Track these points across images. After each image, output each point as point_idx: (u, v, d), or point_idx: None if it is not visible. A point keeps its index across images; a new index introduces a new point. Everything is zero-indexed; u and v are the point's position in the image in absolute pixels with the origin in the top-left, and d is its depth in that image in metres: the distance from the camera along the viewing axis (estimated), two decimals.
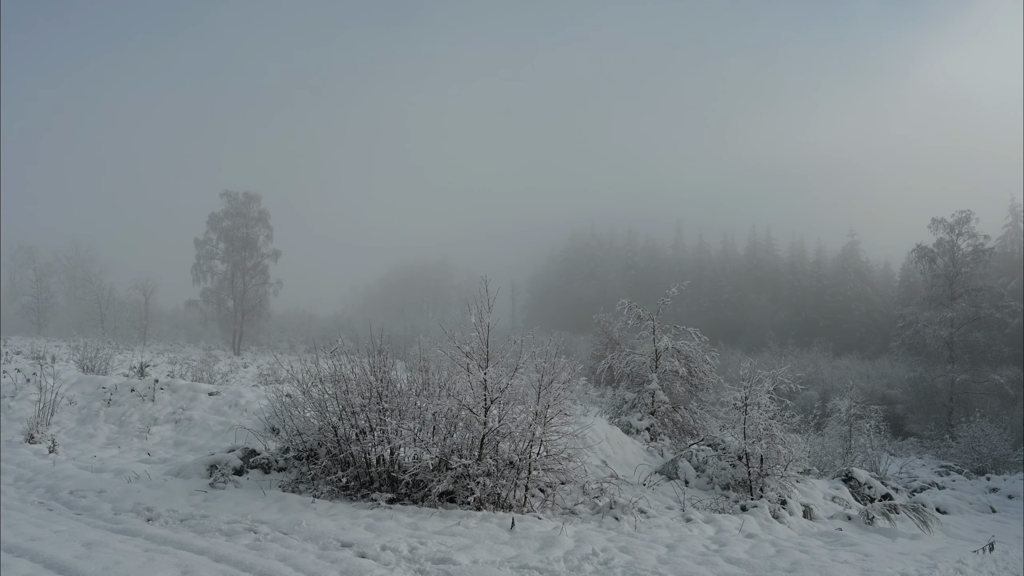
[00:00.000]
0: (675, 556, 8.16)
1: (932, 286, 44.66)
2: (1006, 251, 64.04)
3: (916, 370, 43.63)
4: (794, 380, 15.02)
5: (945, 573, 8.80)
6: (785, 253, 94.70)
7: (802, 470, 14.26)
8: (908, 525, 12.95)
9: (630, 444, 14.75)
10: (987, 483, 26.17)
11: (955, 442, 32.86)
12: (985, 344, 42.54)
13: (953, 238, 43.75)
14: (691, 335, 17.75)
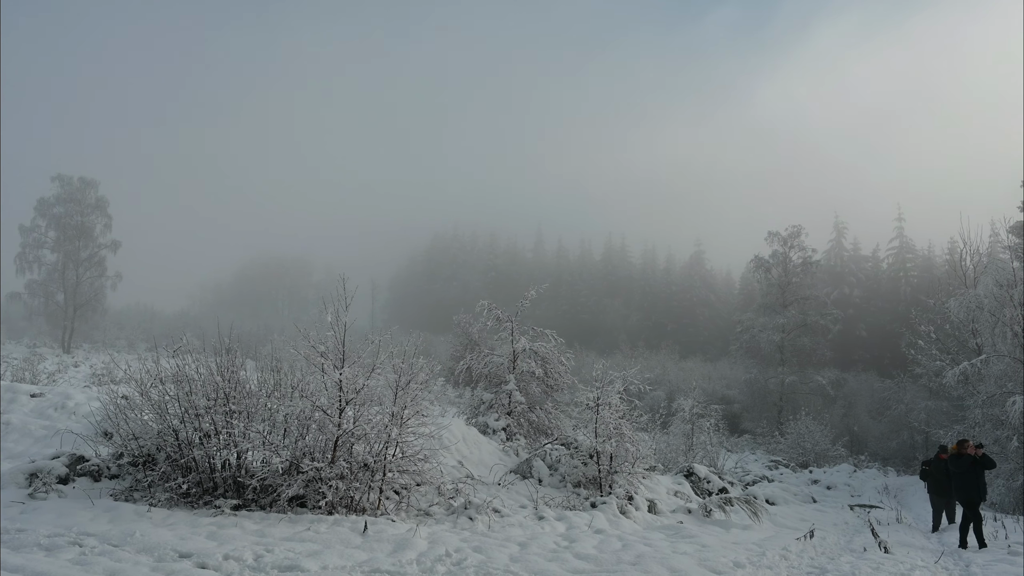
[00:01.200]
0: (527, 554, 8.31)
1: (767, 294, 48.27)
2: (830, 264, 70.26)
3: (752, 372, 46.96)
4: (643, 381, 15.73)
5: (772, 560, 9.50)
6: (638, 260, 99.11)
7: (648, 467, 14.95)
8: (741, 516, 13.87)
9: (486, 444, 14.89)
10: (810, 475, 28.61)
11: (783, 438, 35.65)
12: (811, 348, 46.44)
13: (786, 250, 47.48)
14: (548, 337, 18.17)
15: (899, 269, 69.23)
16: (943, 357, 30.63)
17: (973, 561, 10.54)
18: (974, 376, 25.41)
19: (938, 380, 28.96)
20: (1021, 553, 11.26)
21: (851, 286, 68.34)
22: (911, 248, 69.96)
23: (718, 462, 23.69)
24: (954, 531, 13.69)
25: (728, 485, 17.88)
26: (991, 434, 23.44)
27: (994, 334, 25.18)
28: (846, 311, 60.66)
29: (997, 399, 23.56)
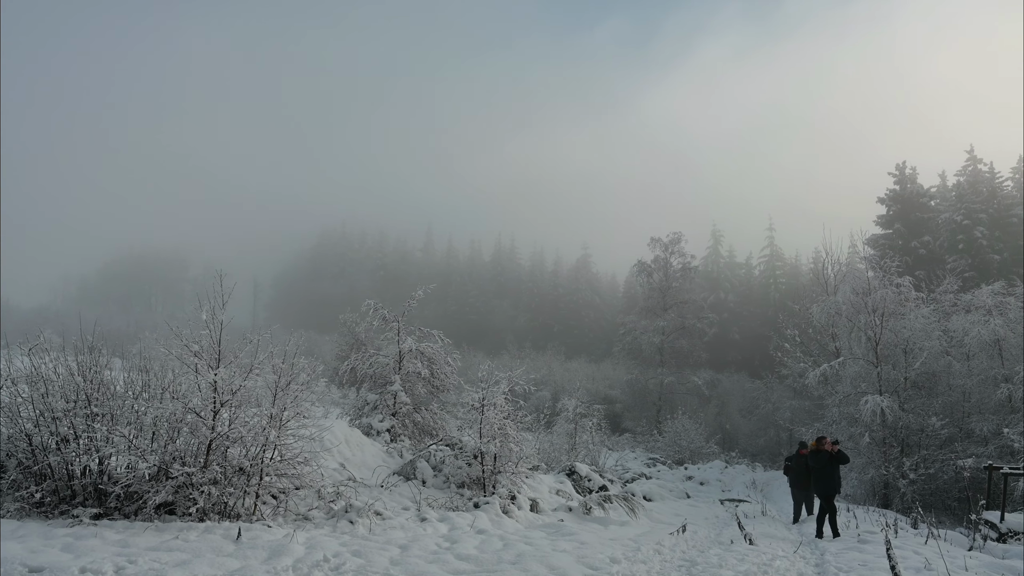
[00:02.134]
0: (408, 556, 8.25)
1: (649, 298, 50.08)
2: (708, 270, 73.70)
3: (633, 372, 48.59)
4: (528, 382, 15.96)
5: (646, 554, 9.85)
6: (527, 262, 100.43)
7: (532, 466, 15.18)
8: (620, 513, 14.33)
9: (370, 446, 14.67)
10: (685, 472, 29.87)
11: (662, 436, 37.08)
12: (688, 350, 48.54)
13: (667, 256, 49.43)
14: (435, 337, 18.11)
15: (769, 276, 73.47)
16: (806, 359, 32.76)
17: (827, 550, 11.31)
18: (832, 377, 27.31)
19: (801, 381, 30.91)
20: (870, 541, 12.19)
21: (726, 291, 71.91)
22: (780, 257, 74.38)
23: (599, 461, 24.32)
24: (812, 522, 14.65)
25: (608, 483, 18.41)
26: (846, 431, 25.24)
27: (851, 338, 27.16)
28: (721, 315, 63.73)
29: (852, 398, 25.41)
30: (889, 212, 49.36)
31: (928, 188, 51.16)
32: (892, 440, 24.33)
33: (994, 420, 22.95)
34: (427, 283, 19.84)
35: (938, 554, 10.36)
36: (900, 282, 26.31)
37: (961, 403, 25.21)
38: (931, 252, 45.79)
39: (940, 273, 36.01)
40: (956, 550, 11.88)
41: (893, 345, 25.26)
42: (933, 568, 9.57)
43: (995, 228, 45.64)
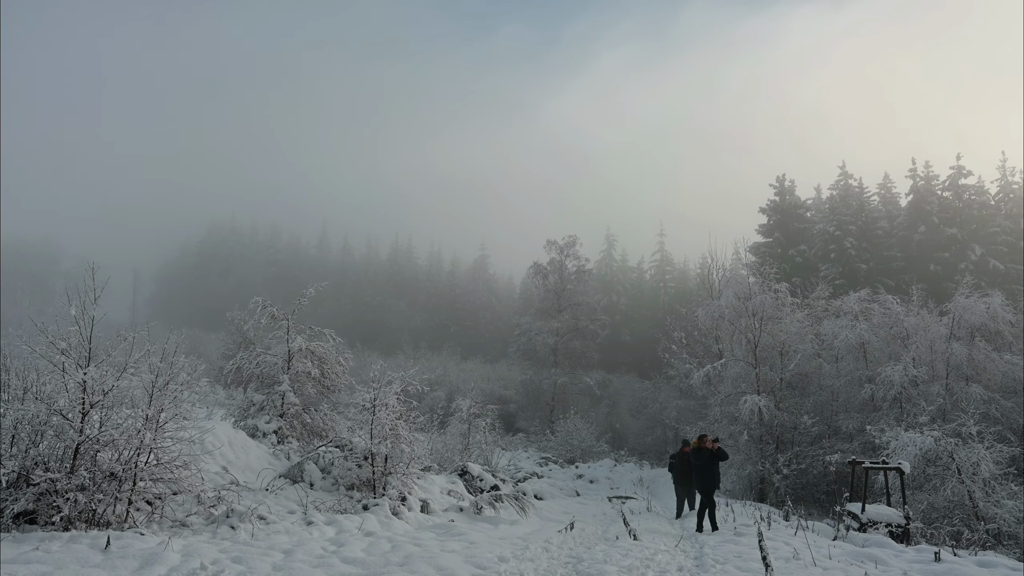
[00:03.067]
0: (291, 561, 8.02)
1: (544, 299, 50.84)
2: (601, 273, 75.46)
3: (527, 373, 49.19)
4: (422, 382, 15.83)
5: (534, 552, 9.98)
6: (424, 262, 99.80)
7: (424, 467, 15.09)
8: (510, 512, 14.45)
9: (255, 448, 14.18)
10: (576, 470, 30.47)
11: (554, 436, 37.68)
12: (581, 351, 49.60)
13: (562, 259, 50.35)
14: (327, 336, 17.71)
15: (660, 280, 76.01)
16: (692, 360, 34.11)
17: (706, 543, 11.82)
18: (715, 378, 28.56)
19: (687, 381, 32.18)
20: (745, 534, 12.83)
21: (618, 294, 73.84)
22: (670, 261, 77.11)
23: (492, 460, 24.47)
24: (694, 517, 15.26)
25: (500, 482, 18.54)
26: (727, 429, 26.46)
27: (732, 341, 28.50)
28: (614, 317, 65.44)
29: (732, 398, 26.66)
30: (769, 221, 52.14)
31: (805, 200, 54.39)
32: (768, 437, 25.68)
33: (858, 418, 24.63)
34: (321, 281, 19.38)
35: (805, 544, 11.03)
36: (778, 288, 27.81)
37: (830, 402, 26.92)
38: (806, 260, 48.67)
39: (814, 280, 38.30)
40: (822, 540, 12.67)
41: (770, 347, 26.68)
42: (801, 558, 10.17)
43: (863, 239, 49.01)
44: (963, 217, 48.72)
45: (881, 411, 24.42)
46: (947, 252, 46.85)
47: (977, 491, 16.98)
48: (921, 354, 25.29)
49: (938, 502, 17.65)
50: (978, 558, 11.62)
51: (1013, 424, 24.38)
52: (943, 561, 10.70)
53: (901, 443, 17.67)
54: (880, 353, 26.49)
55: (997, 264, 44.77)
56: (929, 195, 50.36)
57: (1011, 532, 16.33)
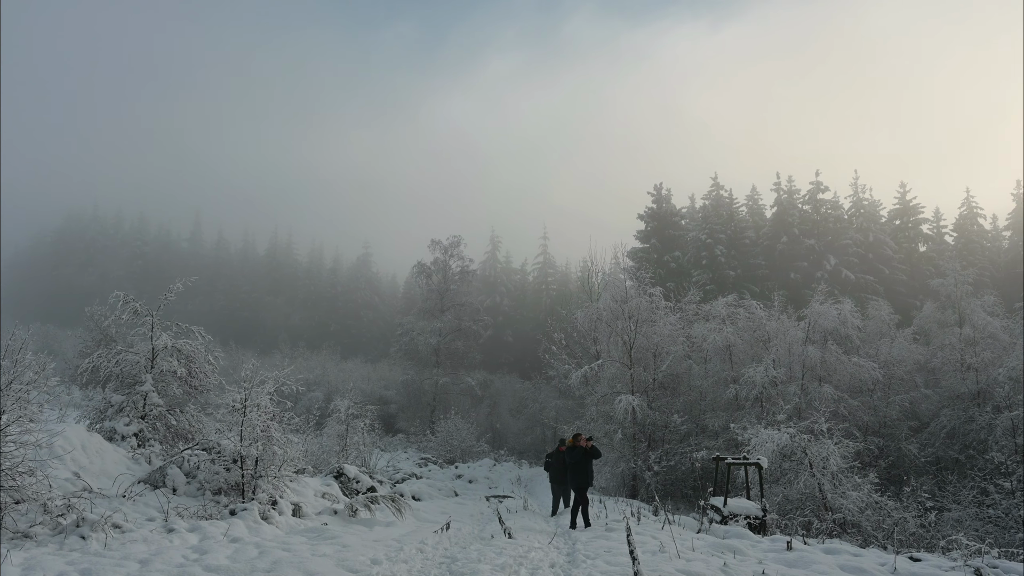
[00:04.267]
0: (148, 571, 7.58)
1: (427, 299, 50.59)
2: (485, 274, 75.94)
3: (409, 373, 48.77)
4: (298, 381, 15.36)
5: (408, 554, 9.90)
6: (305, 258, 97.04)
7: (297, 469, 14.63)
8: (387, 514, 14.26)
9: (112, 452, 13.31)
10: (455, 471, 30.45)
11: (435, 436, 37.53)
12: (463, 351, 49.67)
13: (446, 259, 50.26)
14: (196, 334, 16.86)
15: (542, 282, 77.34)
16: (571, 361, 34.85)
17: (579, 539, 12.11)
18: (592, 378, 29.33)
19: (566, 382, 32.88)
20: (615, 529, 13.24)
21: (502, 295, 74.55)
22: (553, 264, 78.60)
23: (371, 462, 24.07)
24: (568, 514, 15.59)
25: (377, 484, 18.27)
26: (603, 428, 27.24)
27: (610, 342, 29.37)
28: (496, 318, 65.96)
29: (608, 398, 27.47)
30: (647, 228, 54.17)
31: (680, 208, 56.87)
32: (641, 436, 26.64)
33: (724, 416, 25.99)
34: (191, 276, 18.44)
35: (671, 538, 11.51)
36: (653, 292, 28.91)
37: (699, 402, 28.26)
38: (680, 266, 50.91)
39: (686, 285, 40.12)
40: (687, 533, 13.27)
41: (645, 349, 27.69)
42: (666, 550, 10.60)
43: (732, 247, 51.79)
44: (820, 229, 52.44)
45: (744, 409, 25.86)
46: (806, 261, 50.28)
47: (826, 483, 18.27)
48: (780, 356, 26.98)
49: (792, 494, 18.87)
50: (825, 545, 12.51)
51: (859, 421, 26.45)
52: (795, 550, 11.45)
53: (761, 440, 18.76)
54: (744, 355, 28.06)
55: (849, 274, 48.45)
56: (791, 208, 53.89)
57: (855, 521, 17.67)
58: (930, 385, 29.89)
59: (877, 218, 55.60)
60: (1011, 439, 23.50)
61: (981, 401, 26.61)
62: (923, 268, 51.31)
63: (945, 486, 22.66)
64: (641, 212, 54.66)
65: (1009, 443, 23.43)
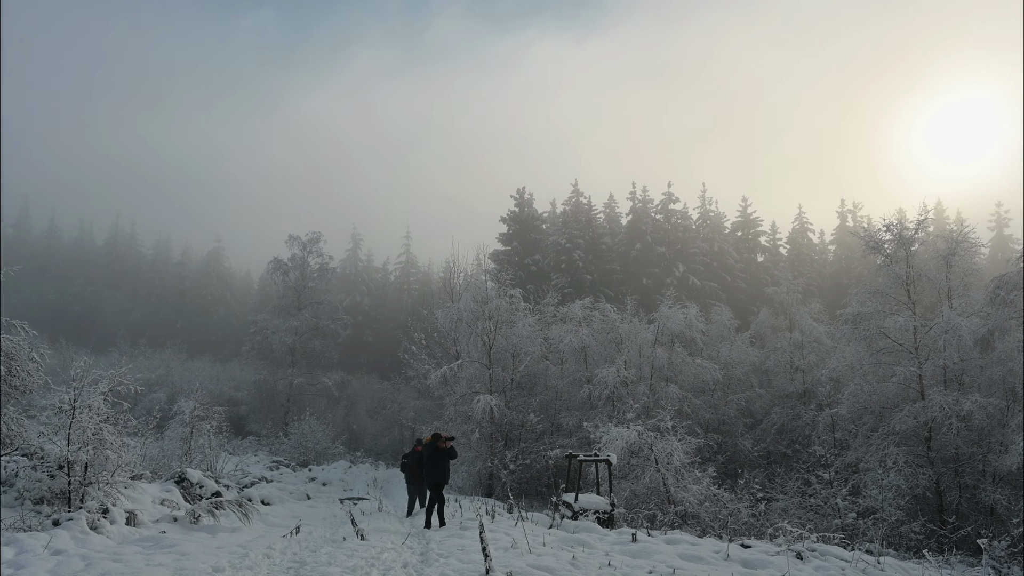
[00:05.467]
0: None
1: (283, 296, 48.77)
2: (346, 272, 74.28)
3: (262, 373, 46.79)
4: (137, 381, 14.38)
5: (254, 560, 9.51)
6: (149, 250, 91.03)
7: (133, 475, 13.70)
8: (232, 519, 13.62)
9: None
10: (309, 473, 29.57)
11: (288, 439, 36.28)
12: (321, 351, 48.31)
13: (305, 255, 48.67)
14: (17, 328, 15.37)
15: (404, 282, 76.63)
16: (431, 361, 34.81)
17: (433, 538, 12.09)
18: (452, 378, 29.43)
19: (425, 382, 32.80)
20: (469, 527, 13.33)
21: (362, 294, 73.20)
22: (415, 264, 78.08)
23: (217, 466, 22.93)
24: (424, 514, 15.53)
25: (224, 489, 17.43)
26: (461, 428, 27.38)
27: (470, 343, 29.58)
28: (356, 317, 64.70)
29: (467, 398, 27.66)
30: (509, 231, 55.05)
31: (541, 213, 58.20)
32: (498, 435, 27.00)
33: (578, 415, 26.85)
34: (14, 265, 16.79)
35: (524, 534, 11.75)
36: (513, 293, 29.41)
37: (554, 401, 29.03)
38: (540, 269, 52.08)
39: (546, 288, 41.06)
40: (539, 529, 13.58)
41: (504, 350, 28.11)
42: (518, 546, 10.81)
43: (589, 252, 53.61)
44: (671, 238, 55.37)
45: (597, 408, 26.84)
46: (657, 268, 52.90)
47: (670, 478, 19.30)
48: (632, 357, 28.24)
49: (639, 489, 19.78)
50: (667, 536, 13.21)
51: (700, 419, 28.13)
52: (639, 541, 12.00)
53: (611, 437, 19.53)
54: (599, 356, 29.12)
55: (695, 280, 51.45)
56: (645, 217, 56.55)
57: (694, 513, 18.76)
58: (764, 385, 32.28)
59: (722, 229, 59.42)
60: (831, 434, 25.82)
61: (806, 400, 29.05)
62: (761, 277, 55.31)
63: (774, 478, 24.54)
64: (504, 215, 55.48)
65: (829, 438, 25.73)
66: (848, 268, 56.53)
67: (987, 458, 20.72)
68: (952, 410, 20.43)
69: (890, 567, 11.48)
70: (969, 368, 22.42)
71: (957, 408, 20.36)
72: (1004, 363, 21.66)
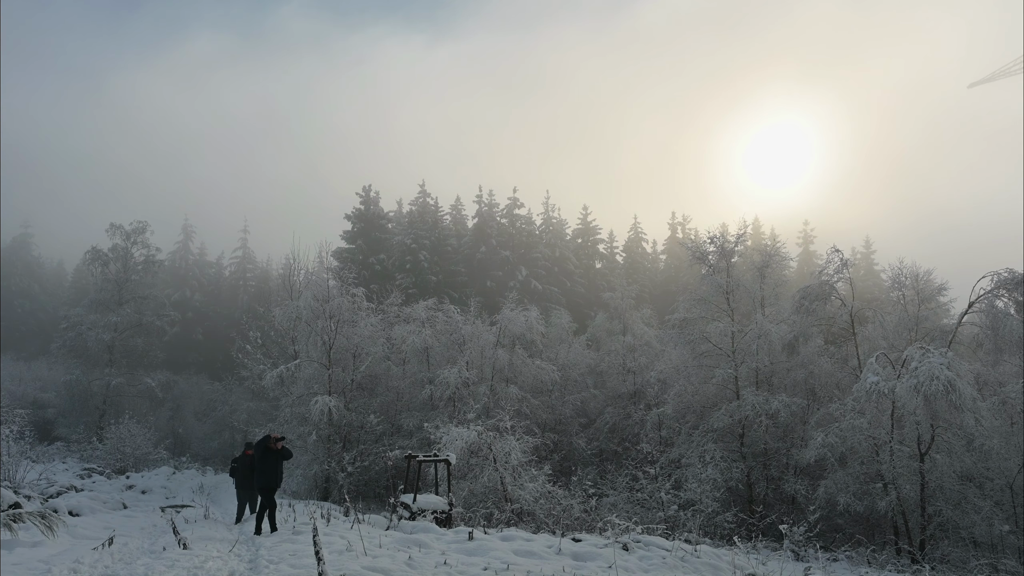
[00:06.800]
0: None
1: (102, 289, 44.80)
2: (175, 265, 69.68)
3: (74, 373, 42.75)
4: None
5: (60, 574, 8.70)
6: None
7: None
8: (34, 533, 12.38)
9: None
10: (126, 481, 27.43)
11: (102, 444, 33.48)
12: (144, 349, 44.91)
13: (128, 246, 45.07)
14: None
15: (240, 278, 73.01)
16: (266, 361, 33.44)
17: (263, 544, 11.60)
18: (289, 379, 28.41)
19: (260, 382, 31.42)
20: (303, 532, 12.93)
21: (193, 290, 68.95)
22: (252, 259, 74.59)
23: (16, 475, 20.76)
24: (254, 520, 14.86)
25: (24, 500, 15.81)
26: (297, 430, 26.50)
27: (309, 342, 28.69)
28: (186, 314, 60.93)
29: (305, 399, 26.82)
30: (354, 229, 53.97)
31: (388, 212, 57.57)
32: (336, 437, 26.39)
33: (419, 416, 26.78)
34: None
35: (360, 537, 11.56)
36: (356, 292, 28.87)
37: (395, 402, 28.78)
38: (385, 269, 51.47)
39: (390, 288, 40.62)
40: (376, 531, 13.40)
41: (345, 350, 27.53)
42: (353, 549, 10.62)
43: (435, 253, 53.66)
44: (515, 242, 56.60)
45: (438, 409, 26.89)
46: (501, 271, 53.86)
47: (507, 477, 19.69)
48: (474, 359, 28.56)
49: (477, 488, 20.03)
50: (503, 533, 13.47)
51: (539, 419, 28.94)
52: (475, 539, 12.17)
53: (451, 438, 19.63)
54: (441, 357, 29.21)
55: (537, 284, 52.89)
56: (491, 220, 57.43)
57: (530, 510, 19.26)
58: (598, 386, 33.73)
59: (563, 236, 61.50)
60: (657, 432, 27.41)
61: (637, 400, 30.67)
62: (598, 282, 57.79)
63: (606, 475, 25.71)
64: (349, 213, 54.32)
65: (656, 435, 27.30)
66: (677, 276, 60.29)
67: (790, 452, 22.84)
68: (762, 409, 22.35)
69: (705, 554, 12.38)
70: (777, 370, 24.60)
71: (766, 407, 22.30)
72: (807, 366, 24.01)
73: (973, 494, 19.72)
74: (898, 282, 24.42)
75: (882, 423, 19.64)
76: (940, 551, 19.07)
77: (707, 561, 11.93)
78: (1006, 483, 19.71)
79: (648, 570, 11.07)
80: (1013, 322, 19.42)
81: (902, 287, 24.22)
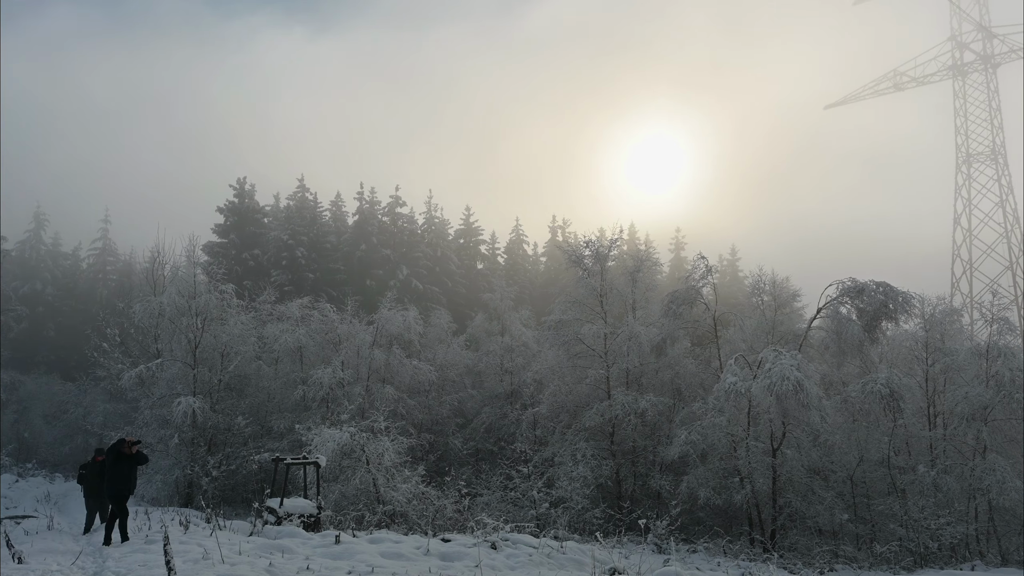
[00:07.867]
0: None
1: None
2: (25, 256, 64.31)
3: None
4: None
5: None
6: None
7: None
8: None
9: None
10: None
11: None
12: None
13: None
14: None
15: (99, 271, 68.23)
16: (126, 360, 31.45)
17: (111, 555, 10.93)
18: (150, 379, 26.87)
19: (118, 383, 29.52)
20: (156, 541, 12.25)
21: (45, 282, 63.71)
22: (114, 251, 69.84)
23: None
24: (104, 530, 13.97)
25: None
26: (158, 433, 25.12)
27: (173, 340, 27.26)
28: (36, 309, 56.59)
29: (167, 400, 25.45)
30: (227, 222, 51.70)
31: (264, 206, 55.52)
32: (200, 440, 25.21)
33: (291, 417, 25.98)
34: None
35: (218, 544, 11.09)
36: (225, 289, 27.69)
37: (266, 403, 27.83)
38: (259, 265, 49.61)
39: (264, 284, 39.19)
40: (238, 537, 12.91)
41: (212, 348, 26.35)
42: (210, 557, 10.19)
43: (313, 250, 52.26)
44: (397, 241, 56.00)
45: (311, 410, 26.23)
46: (382, 270, 53.14)
47: (380, 478, 19.46)
48: (349, 358, 28.04)
49: (349, 491, 19.67)
50: (372, 536, 13.33)
51: (415, 419, 28.76)
52: (342, 543, 11.96)
53: (323, 439, 19.19)
54: (315, 357, 28.49)
55: (418, 284, 52.55)
56: (372, 218, 56.56)
57: (403, 511, 19.13)
58: (476, 386, 33.88)
59: (446, 235, 61.40)
60: (532, 431, 27.88)
61: (513, 400, 31.04)
62: (479, 283, 58.05)
63: (480, 474, 25.88)
64: (221, 205, 51.99)
65: (530, 435, 27.76)
66: (556, 279, 61.46)
67: (656, 449, 23.84)
68: (631, 408, 23.20)
69: (571, 549, 12.73)
70: (646, 371, 25.59)
71: (635, 406, 23.16)
72: (673, 367, 25.14)
73: (819, 486, 21.31)
74: (758, 288, 25.98)
75: (740, 421, 20.86)
76: (789, 540, 20.50)
77: (572, 557, 12.27)
78: (847, 475, 21.44)
79: (515, 568, 11.26)
80: (854, 327, 21.13)
81: (761, 293, 25.79)
